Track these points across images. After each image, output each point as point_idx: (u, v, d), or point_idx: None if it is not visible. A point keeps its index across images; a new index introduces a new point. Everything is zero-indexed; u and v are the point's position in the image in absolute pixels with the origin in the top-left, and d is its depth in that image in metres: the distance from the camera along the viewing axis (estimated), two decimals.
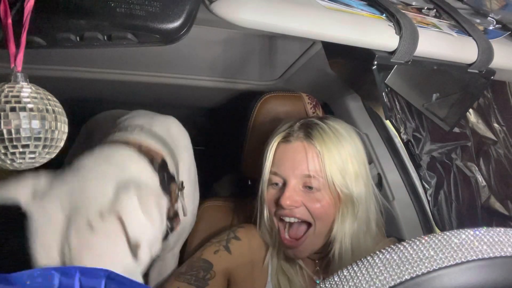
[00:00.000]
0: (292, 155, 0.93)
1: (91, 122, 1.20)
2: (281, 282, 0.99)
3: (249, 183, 1.36)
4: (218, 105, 1.54)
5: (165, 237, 0.80)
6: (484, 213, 1.08)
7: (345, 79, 0.91)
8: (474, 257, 0.38)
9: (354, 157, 0.94)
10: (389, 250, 0.40)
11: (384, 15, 0.69)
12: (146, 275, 1.17)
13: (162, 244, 0.88)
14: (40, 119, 0.51)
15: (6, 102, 0.49)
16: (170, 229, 0.81)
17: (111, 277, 0.48)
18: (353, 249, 0.93)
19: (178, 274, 1.00)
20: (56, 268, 0.47)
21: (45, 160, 0.54)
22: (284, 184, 0.94)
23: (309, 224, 0.94)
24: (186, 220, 1.07)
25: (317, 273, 1.02)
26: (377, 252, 0.41)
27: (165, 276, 1.13)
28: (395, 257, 0.39)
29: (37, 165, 0.54)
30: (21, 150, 0.50)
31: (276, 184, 0.95)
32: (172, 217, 0.83)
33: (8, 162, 0.51)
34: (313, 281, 1.00)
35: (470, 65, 0.76)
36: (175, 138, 0.95)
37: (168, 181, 0.82)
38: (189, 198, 0.98)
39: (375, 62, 0.67)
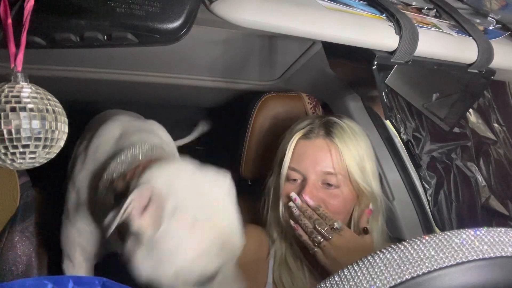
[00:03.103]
0: (313, 152, 0.94)
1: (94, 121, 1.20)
2: (283, 277, 0.99)
3: (249, 183, 1.36)
4: (218, 105, 1.54)
5: None
6: (484, 213, 1.08)
7: (345, 79, 0.92)
8: (475, 257, 0.38)
9: (369, 156, 0.97)
10: (389, 249, 0.40)
11: (384, 15, 0.69)
12: None
13: None
14: (40, 119, 0.51)
15: (6, 102, 0.49)
16: None
17: (106, 285, 0.47)
18: None
19: None
20: (49, 277, 0.46)
21: (45, 160, 0.54)
22: (303, 180, 0.94)
23: None
24: None
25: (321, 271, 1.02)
26: (378, 251, 0.40)
27: None
28: (395, 257, 0.39)
29: (37, 165, 0.54)
30: (21, 150, 0.50)
31: (294, 180, 0.96)
32: None
33: (8, 162, 0.51)
34: (316, 279, 1.00)
35: (470, 65, 0.76)
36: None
37: None
38: None
39: (375, 62, 0.67)
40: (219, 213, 0.74)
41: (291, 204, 0.92)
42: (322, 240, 0.87)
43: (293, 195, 0.93)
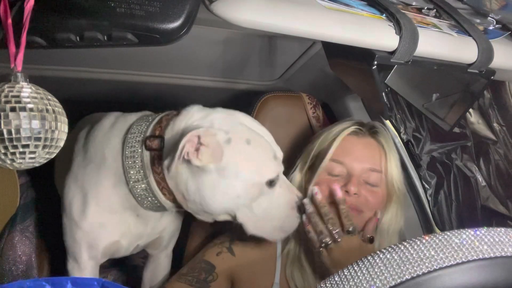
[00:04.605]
0: (362, 148, 0.98)
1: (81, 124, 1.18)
2: (295, 274, 0.99)
3: None
4: (218, 105, 1.54)
5: None
6: (484, 213, 1.08)
7: (345, 79, 0.91)
8: (475, 257, 0.38)
9: (399, 160, 1.03)
10: (389, 249, 0.40)
11: (384, 15, 0.69)
12: (140, 275, 1.18)
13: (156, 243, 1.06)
14: (40, 119, 0.51)
15: (6, 102, 0.49)
16: None
17: (105, 286, 0.47)
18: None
19: (179, 275, 1.00)
20: (47, 279, 0.46)
21: (45, 160, 0.54)
22: (347, 174, 0.96)
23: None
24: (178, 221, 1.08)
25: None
26: (378, 251, 0.40)
27: (158, 276, 1.14)
28: (395, 257, 0.39)
29: (37, 165, 0.54)
30: (21, 150, 0.50)
31: (336, 175, 0.97)
32: None
33: (8, 162, 0.51)
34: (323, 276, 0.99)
35: (470, 65, 0.76)
36: None
37: None
38: None
39: (375, 62, 0.67)
40: (260, 133, 0.86)
41: (305, 201, 0.91)
42: (330, 242, 0.86)
43: (315, 189, 0.92)
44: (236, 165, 0.80)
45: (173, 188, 0.84)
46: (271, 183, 0.85)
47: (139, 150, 0.86)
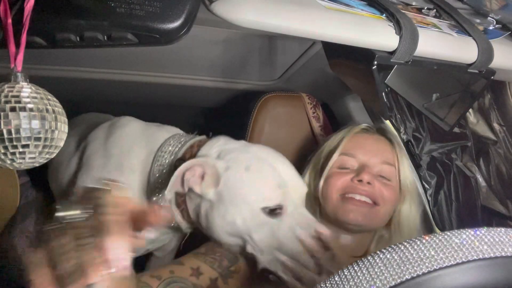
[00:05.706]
0: (373, 143, 1.02)
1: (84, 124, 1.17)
2: None
3: None
4: (218, 105, 1.54)
5: None
6: (484, 213, 1.08)
7: (345, 79, 0.91)
8: (475, 257, 0.38)
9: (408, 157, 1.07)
10: (389, 249, 0.40)
11: (384, 15, 0.69)
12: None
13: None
14: (40, 119, 0.51)
15: (6, 102, 0.49)
16: None
17: None
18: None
19: (196, 253, 0.88)
20: None
21: (45, 160, 0.54)
22: (359, 167, 0.97)
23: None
24: None
25: None
26: (378, 251, 0.41)
27: None
28: (395, 257, 0.39)
29: (37, 165, 0.54)
30: (21, 150, 0.50)
31: (345, 168, 0.98)
32: None
33: (8, 162, 0.51)
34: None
35: (470, 65, 0.76)
36: None
37: None
38: None
39: (375, 62, 0.67)
40: (268, 160, 0.83)
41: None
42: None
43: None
44: (231, 191, 0.79)
45: (192, 211, 0.85)
46: (271, 212, 0.78)
47: (168, 170, 0.86)
